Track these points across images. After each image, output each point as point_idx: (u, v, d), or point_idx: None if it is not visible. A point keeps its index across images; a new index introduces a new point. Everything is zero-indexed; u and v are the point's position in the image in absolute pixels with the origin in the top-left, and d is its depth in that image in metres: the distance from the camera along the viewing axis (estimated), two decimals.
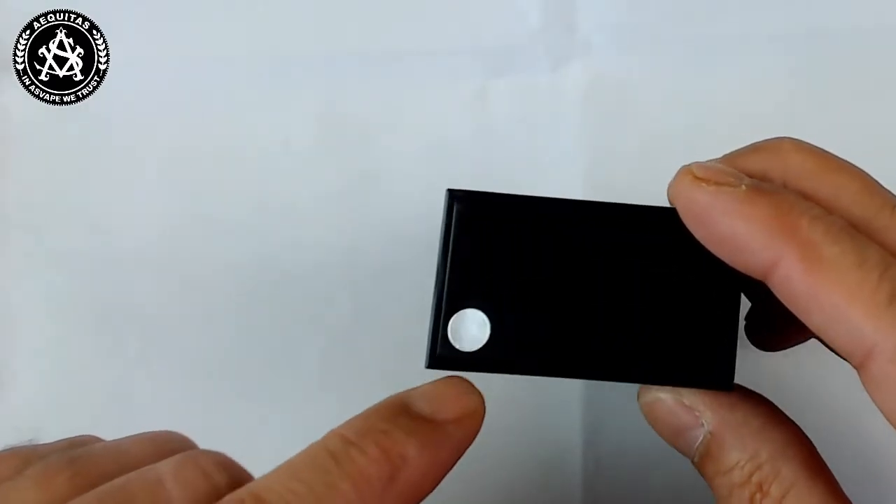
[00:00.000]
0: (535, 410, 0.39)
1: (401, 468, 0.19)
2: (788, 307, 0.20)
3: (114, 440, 0.23)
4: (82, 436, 0.25)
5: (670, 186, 0.21)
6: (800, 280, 0.20)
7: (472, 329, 0.22)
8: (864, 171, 0.22)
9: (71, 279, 0.39)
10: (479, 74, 0.39)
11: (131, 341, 0.39)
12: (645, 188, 0.30)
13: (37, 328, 0.40)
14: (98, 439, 0.25)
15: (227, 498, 0.19)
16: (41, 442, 0.24)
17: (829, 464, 0.23)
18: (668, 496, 0.39)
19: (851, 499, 0.22)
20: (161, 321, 0.39)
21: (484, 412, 0.21)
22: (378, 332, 0.39)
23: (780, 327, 0.24)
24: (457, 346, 0.22)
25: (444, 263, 0.22)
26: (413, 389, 0.21)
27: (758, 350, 0.28)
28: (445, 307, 0.22)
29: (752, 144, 0.22)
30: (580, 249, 0.22)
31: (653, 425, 0.24)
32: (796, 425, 0.23)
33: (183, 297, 0.39)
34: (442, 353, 0.22)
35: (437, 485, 0.20)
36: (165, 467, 0.21)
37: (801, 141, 0.22)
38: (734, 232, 0.20)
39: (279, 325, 0.40)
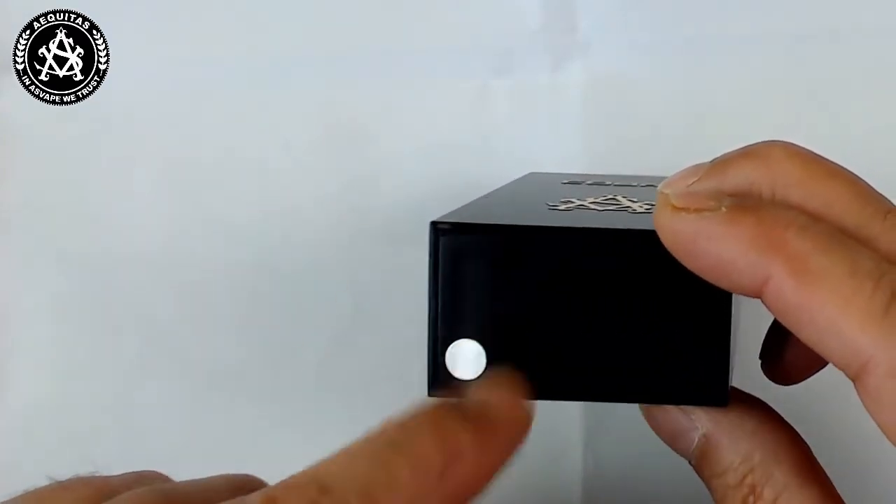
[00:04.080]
0: (535, 411, 0.39)
1: (454, 462, 0.19)
2: (783, 323, 0.20)
3: (194, 479, 0.23)
4: (147, 471, 0.25)
5: (653, 216, 0.21)
6: (791, 294, 0.19)
7: (468, 358, 0.22)
8: (856, 176, 0.21)
9: (70, 279, 0.39)
10: (479, 74, 0.39)
11: (132, 342, 0.39)
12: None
13: (37, 329, 0.40)
14: (163, 476, 0.25)
15: (290, 481, 0.19)
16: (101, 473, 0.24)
17: (826, 468, 0.23)
18: (667, 496, 0.39)
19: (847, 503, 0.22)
20: (161, 321, 0.39)
21: (531, 423, 0.21)
22: (378, 332, 0.39)
23: (796, 359, 0.24)
24: (456, 375, 0.22)
25: (435, 298, 0.22)
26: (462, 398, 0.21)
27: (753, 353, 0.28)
28: (441, 340, 0.22)
29: (741, 149, 0.22)
30: (566, 274, 0.22)
31: (652, 428, 0.24)
32: (792, 428, 0.23)
33: (183, 297, 0.39)
34: (442, 382, 0.22)
35: (486, 487, 0.20)
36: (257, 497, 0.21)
37: (790, 145, 0.22)
38: (721, 256, 0.20)
39: (279, 326, 0.40)
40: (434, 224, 0.22)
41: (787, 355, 0.24)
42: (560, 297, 0.22)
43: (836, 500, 0.22)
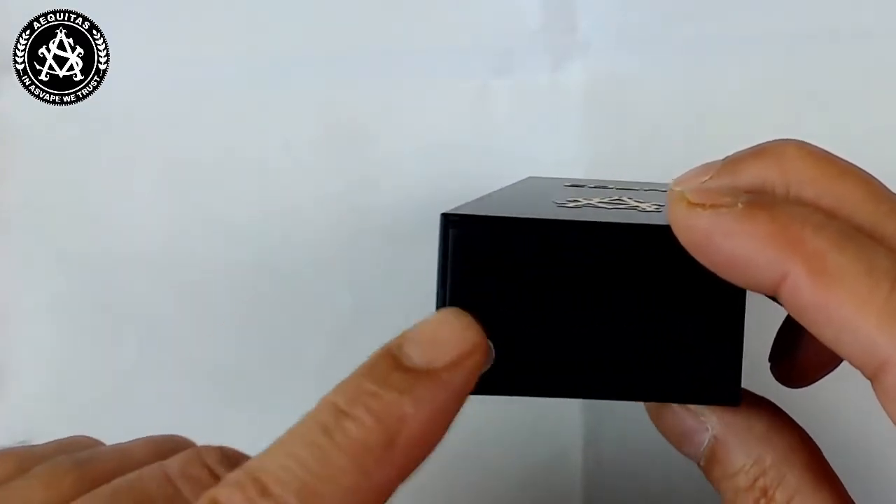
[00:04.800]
0: (535, 411, 0.39)
1: (399, 430, 0.18)
2: (799, 321, 0.20)
3: (116, 444, 0.23)
4: (75, 437, 0.24)
5: (667, 211, 0.21)
6: (808, 293, 0.19)
7: None
8: (869, 175, 0.21)
9: (71, 279, 0.39)
10: (479, 74, 0.39)
11: (132, 342, 0.39)
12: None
13: (37, 328, 0.40)
14: (91, 440, 0.25)
15: (226, 479, 0.18)
16: (33, 443, 0.24)
17: (837, 470, 0.23)
18: (668, 496, 0.39)
19: None
20: (161, 321, 0.39)
21: (485, 345, 0.19)
22: (378, 332, 0.39)
23: (806, 360, 0.24)
24: None
25: (444, 290, 0.21)
26: (404, 334, 0.20)
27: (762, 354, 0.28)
28: None
29: (753, 147, 0.22)
30: (578, 269, 0.21)
31: (659, 429, 0.24)
32: (802, 430, 0.23)
33: (183, 297, 0.39)
34: None
35: (444, 433, 0.19)
36: (172, 464, 0.21)
37: (803, 143, 0.22)
38: (737, 253, 0.19)
39: (279, 326, 0.40)
40: (445, 216, 0.22)
41: (797, 357, 0.24)
42: (570, 291, 0.21)
43: (848, 503, 0.22)
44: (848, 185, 0.21)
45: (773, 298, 0.20)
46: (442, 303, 0.21)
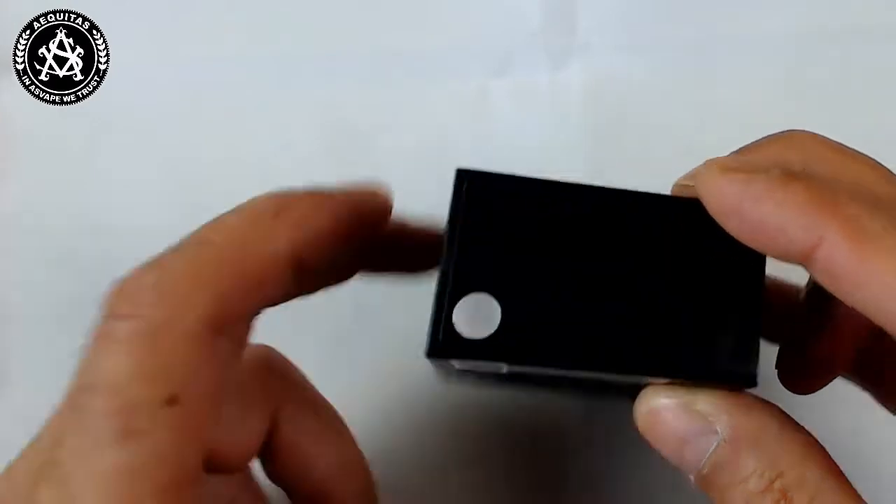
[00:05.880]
0: (535, 410, 0.39)
1: (285, 208, 0.24)
2: (830, 290, 0.20)
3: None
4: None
5: (696, 179, 0.20)
6: (846, 257, 0.19)
7: (481, 315, 0.20)
8: (877, 161, 0.22)
9: (71, 279, 0.39)
10: (479, 74, 0.39)
11: None
12: (645, 188, 0.30)
13: (37, 329, 0.40)
14: None
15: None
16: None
17: None
18: (668, 496, 0.39)
19: None
20: None
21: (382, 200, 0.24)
22: (378, 332, 0.39)
23: (812, 366, 0.24)
24: (463, 334, 0.20)
25: (452, 244, 0.20)
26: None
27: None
28: (452, 290, 0.20)
29: (765, 137, 0.22)
30: (594, 236, 0.21)
31: (653, 437, 0.22)
32: (810, 433, 0.23)
33: None
34: (445, 341, 0.20)
35: (331, 242, 0.23)
36: None
37: (815, 133, 0.22)
38: (769, 219, 0.19)
39: (279, 326, 0.39)
40: (460, 170, 0.21)
41: (803, 364, 0.24)
42: (582, 259, 0.20)
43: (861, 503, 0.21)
44: (863, 167, 0.21)
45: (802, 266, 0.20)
46: (449, 257, 0.20)
